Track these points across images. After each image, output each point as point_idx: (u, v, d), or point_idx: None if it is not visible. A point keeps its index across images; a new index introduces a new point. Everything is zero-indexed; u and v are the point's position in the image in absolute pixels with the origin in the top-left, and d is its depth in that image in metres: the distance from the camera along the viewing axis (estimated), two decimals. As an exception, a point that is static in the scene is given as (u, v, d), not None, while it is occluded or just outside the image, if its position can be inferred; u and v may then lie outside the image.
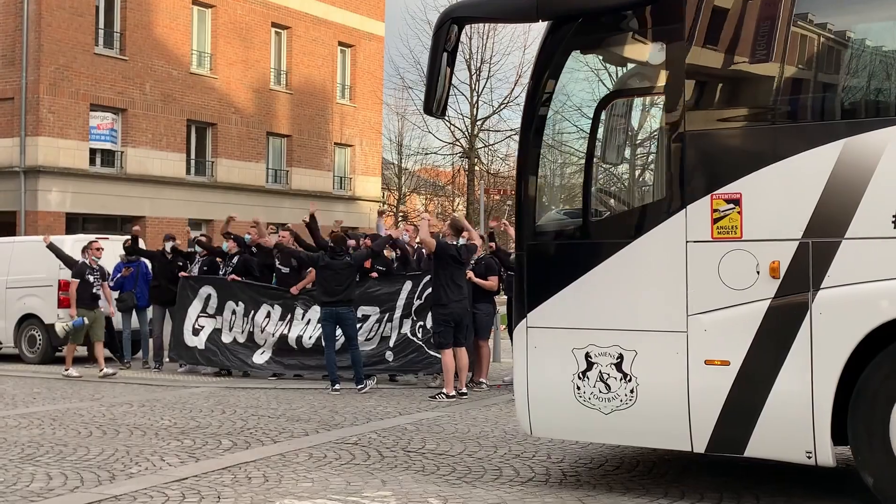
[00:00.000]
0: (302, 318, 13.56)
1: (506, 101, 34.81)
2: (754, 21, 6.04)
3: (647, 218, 6.34)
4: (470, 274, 11.89)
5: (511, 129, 34.51)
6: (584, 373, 6.42)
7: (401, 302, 12.94)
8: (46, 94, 26.36)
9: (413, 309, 12.84)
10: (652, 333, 6.24)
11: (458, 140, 36.97)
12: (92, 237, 17.41)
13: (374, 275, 13.31)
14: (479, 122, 35.19)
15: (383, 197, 41.01)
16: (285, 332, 13.60)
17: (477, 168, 35.53)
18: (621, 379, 6.30)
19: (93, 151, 27.82)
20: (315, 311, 13.09)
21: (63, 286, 16.29)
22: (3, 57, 26.83)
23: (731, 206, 5.96)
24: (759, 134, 6.03)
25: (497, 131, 36.17)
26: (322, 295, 12.20)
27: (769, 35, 5.96)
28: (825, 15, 5.96)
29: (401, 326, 12.88)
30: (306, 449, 8.19)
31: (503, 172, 37.48)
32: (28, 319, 16.83)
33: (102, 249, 14.91)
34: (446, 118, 36.49)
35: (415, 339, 12.76)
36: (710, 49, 6.12)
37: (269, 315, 13.79)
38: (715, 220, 6.01)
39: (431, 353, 12.41)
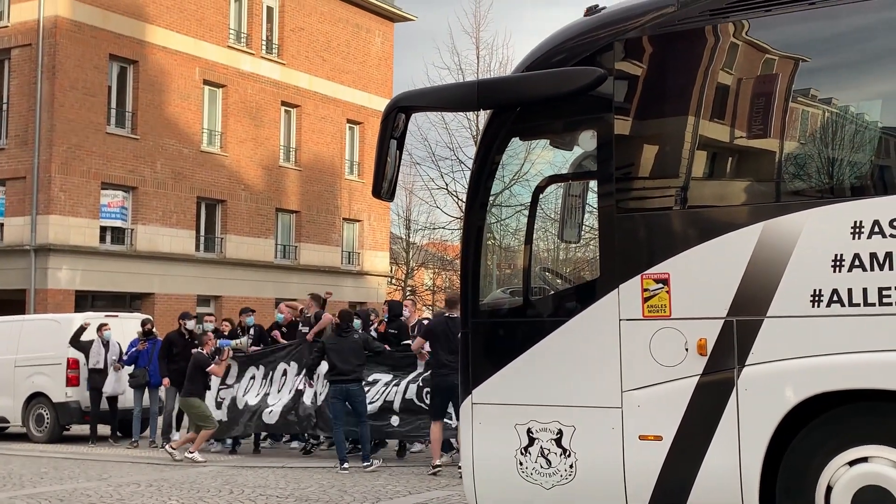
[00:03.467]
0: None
1: (514, 178, 35.19)
2: (676, 109, 6.32)
3: (582, 296, 6.56)
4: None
5: (521, 204, 34.87)
6: (526, 448, 6.58)
7: (413, 373, 12.94)
8: (58, 173, 26.99)
9: (422, 376, 12.78)
10: (589, 409, 6.41)
11: (466, 214, 37.32)
12: (101, 315, 17.83)
13: (387, 347, 13.48)
14: (487, 197, 35.54)
15: (391, 271, 41.31)
16: (301, 387, 13.59)
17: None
18: (561, 454, 6.46)
19: (103, 229, 28.34)
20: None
21: (71, 364, 16.60)
22: (16, 137, 27.55)
23: (660, 285, 6.18)
24: (684, 216, 6.27)
25: (506, 206, 36.48)
26: (331, 373, 12.28)
27: (689, 122, 6.24)
28: (742, 105, 6.24)
29: (405, 392, 12.84)
30: None
31: (514, 247, 37.70)
32: (36, 398, 16.97)
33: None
34: (454, 193, 37.15)
35: (422, 404, 12.61)
36: (636, 136, 6.40)
37: (285, 373, 13.96)
38: (645, 300, 6.22)
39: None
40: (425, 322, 13.37)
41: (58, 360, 16.81)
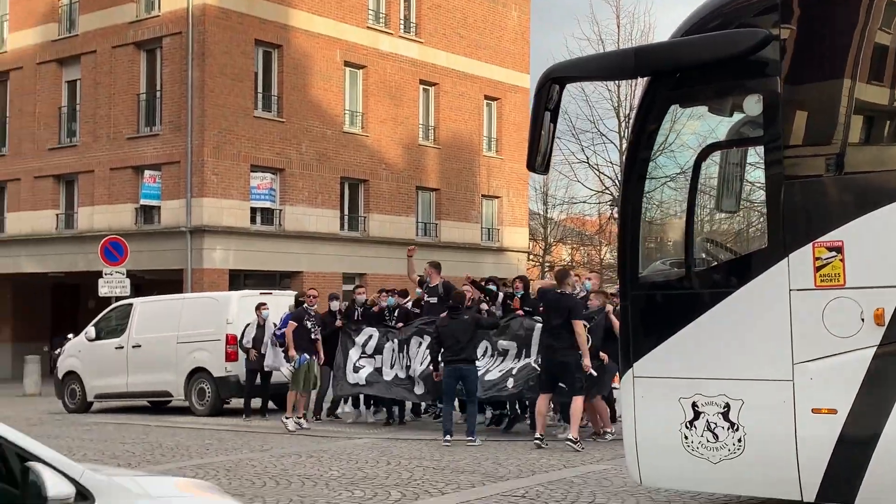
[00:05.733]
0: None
1: (673, 146, 34.54)
2: (847, 69, 6.04)
3: (749, 267, 6.38)
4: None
5: (680, 173, 34.22)
6: (691, 422, 6.46)
7: (535, 341, 13.01)
8: (210, 157, 27.92)
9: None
10: (758, 382, 6.25)
11: (607, 188, 36.93)
12: (256, 293, 18.42)
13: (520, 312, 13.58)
14: (628, 170, 35.02)
15: (529, 247, 41.21)
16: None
17: (628, 216, 35.22)
18: (729, 428, 6.32)
19: (253, 210, 29.20)
20: None
21: (230, 341, 17.22)
22: (170, 123, 28.64)
23: (834, 253, 5.95)
24: (859, 181, 6.00)
25: (665, 176, 35.87)
26: (444, 354, 12.50)
27: (861, 82, 5.96)
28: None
29: (528, 358, 12.94)
30: (475, 501, 8.28)
31: (673, 217, 37.04)
32: (197, 373, 17.60)
33: (318, 297, 15.51)
34: (595, 166, 36.78)
35: (536, 366, 12.65)
36: (805, 99, 6.16)
37: (420, 345, 14.19)
38: (818, 269, 6.00)
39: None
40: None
41: (217, 336, 17.43)
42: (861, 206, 5.88)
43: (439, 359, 12.71)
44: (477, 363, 12.81)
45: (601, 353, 12.05)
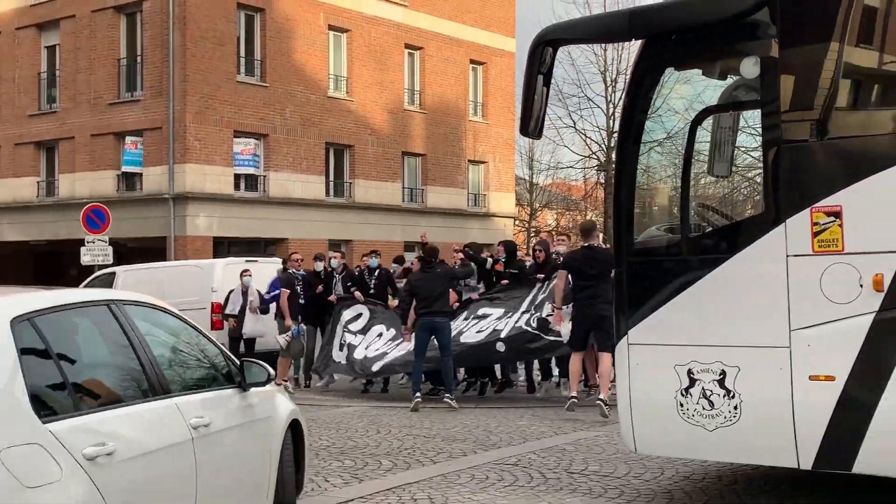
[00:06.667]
0: None
1: (669, 110, 34.34)
2: (846, 31, 5.92)
3: (746, 232, 6.29)
4: None
5: (676, 138, 34.12)
6: (686, 389, 6.39)
7: (524, 304, 12.94)
8: (192, 123, 27.63)
9: (535, 304, 12.76)
10: (754, 349, 6.17)
11: (594, 153, 36.81)
12: (241, 260, 18.21)
13: (505, 281, 13.48)
14: (615, 135, 34.91)
15: (516, 213, 41.12)
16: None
17: (615, 181, 35.14)
18: (724, 395, 6.25)
19: (237, 177, 28.96)
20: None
21: (215, 309, 17.05)
22: (151, 88, 28.29)
23: (832, 218, 5.85)
24: (857, 144, 5.90)
25: (661, 140, 35.76)
26: (418, 306, 12.46)
27: (859, 45, 5.84)
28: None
29: (517, 321, 12.79)
30: (467, 470, 8.21)
31: (669, 183, 36.96)
32: None
33: (303, 260, 15.43)
34: (581, 131, 36.60)
35: (529, 328, 12.59)
36: (803, 61, 6.04)
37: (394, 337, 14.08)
38: (815, 234, 5.91)
39: (549, 337, 12.32)
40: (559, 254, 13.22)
41: (202, 304, 17.23)
42: (859, 170, 5.78)
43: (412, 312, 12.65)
44: (452, 323, 12.74)
45: None
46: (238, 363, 5.66)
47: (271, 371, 5.73)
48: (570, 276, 11.63)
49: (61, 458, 3.73)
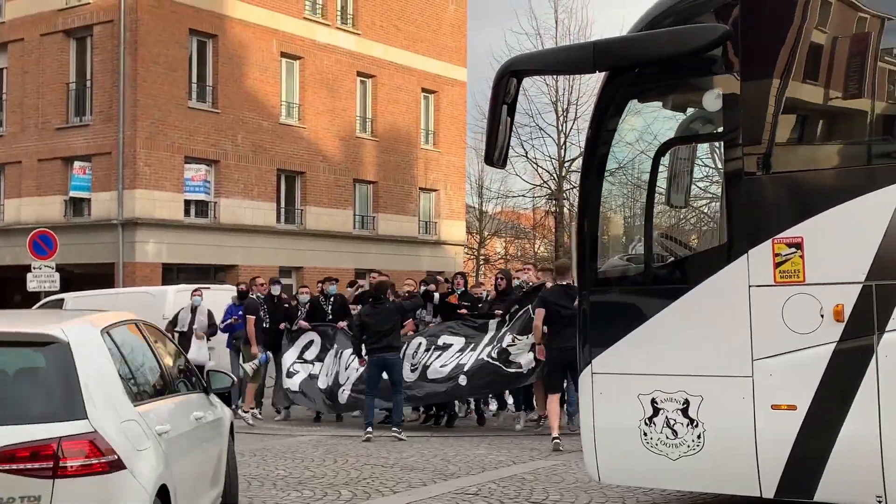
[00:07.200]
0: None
1: (632, 141, 34.60)
2: (807, 67, 6.05)
3: (709, 263, 6.37)
4: None
5: (639, 169, 34.34)
6: (650, 418, 6.44)
7: (487, 337, 12.88)
8: (143, 148, 27.32)
9: (497, 337, 12.69)
10: (718, 378, 6.24)
11: (545, 182, 37.04)
12: (192, 287, 17.94)
13: (463, 311, 13.48)
14: (566, 164, 35.21)
15: (466, 240, 41.21)
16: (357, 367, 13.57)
17: (567, 210, 35.41)
18: (688, 424, 6.31)
19: (187, 203, 28.65)
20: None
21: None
22: (100, 113, 27.95)
23: (793, 249, 5.96)
24: (818, 177, 6.02)
25: (624, 171, 36.02)
26: (368, 343, 12.37)
27: (821, 80, 5.97)
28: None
29: (479, 354, 12.73)
30: (428, 500, 8.15)
31: (632, 213, 37.13)
32: None
33: (265, 285, 15.33)
34: (532, 160, 36.83)
35: (490, 360, 12.54)
36: (764, 95, 6.15)
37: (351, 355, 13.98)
38: (777, 265, 6.01)
39: (510, 370, 12.30)
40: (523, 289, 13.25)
41: (154, 332, 16.99)
42: (821, 202, 5.90)
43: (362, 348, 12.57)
44: (411, 361, 12.77)
45: None
46: (197, 372, 7.03)
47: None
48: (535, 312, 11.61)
49: (148, 432, 5.14)
